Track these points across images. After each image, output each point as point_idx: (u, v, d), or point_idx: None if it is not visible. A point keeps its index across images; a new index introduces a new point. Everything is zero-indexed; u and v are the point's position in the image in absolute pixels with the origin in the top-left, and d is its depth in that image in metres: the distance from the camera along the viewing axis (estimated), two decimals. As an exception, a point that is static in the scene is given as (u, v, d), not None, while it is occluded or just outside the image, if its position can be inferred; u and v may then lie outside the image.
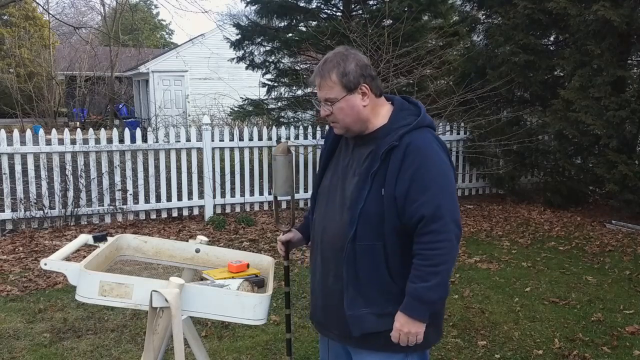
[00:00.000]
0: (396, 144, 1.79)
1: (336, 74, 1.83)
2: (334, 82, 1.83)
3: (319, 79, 1.86)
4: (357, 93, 1.85)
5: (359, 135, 1.92)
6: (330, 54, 1.89)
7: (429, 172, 1.77)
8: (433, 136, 1.87)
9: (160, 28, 43.69)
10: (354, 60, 1.85)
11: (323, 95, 1.87)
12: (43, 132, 6.48)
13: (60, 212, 6.45)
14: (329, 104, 1.87)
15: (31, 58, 24.30)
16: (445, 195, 1.77)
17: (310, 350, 3.51)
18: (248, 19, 10.61)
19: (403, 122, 1.85)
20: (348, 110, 1.85)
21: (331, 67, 1.84)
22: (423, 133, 1.84)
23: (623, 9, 6.62)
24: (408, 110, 1.91)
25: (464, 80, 8.05)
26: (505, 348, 3.61)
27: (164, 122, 15.46)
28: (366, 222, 1.81)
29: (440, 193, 1.76)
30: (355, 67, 1.84)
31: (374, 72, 1.89)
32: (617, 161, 6.73)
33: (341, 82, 1.83)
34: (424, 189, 1.76)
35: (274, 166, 2.26)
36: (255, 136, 7.37)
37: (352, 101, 1.85)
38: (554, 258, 5.60)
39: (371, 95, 1.87)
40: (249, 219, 6.92)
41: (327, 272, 1.95)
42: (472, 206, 8.09)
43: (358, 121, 1.87)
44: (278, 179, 2.24)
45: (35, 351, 3.50)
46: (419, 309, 1.78)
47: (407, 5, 8.54)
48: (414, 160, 1.77)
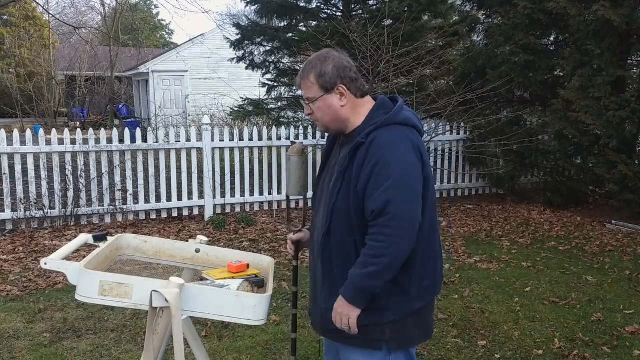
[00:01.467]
0: (362, 141, 1.86)
1: (314, 74, 1.93)
2: (312, 82, 1.94)
3: (299, 79, 1.99)
4: (334, 93, 1.93)
5: (345, 135, 2.00)
6: (313, 56, 1.99)
7: (386, 168, 1.80)
8: (402, 133, 1.88)
9: (160, 28, 43.69)
10: (332, 62, 1.93)
11: (304, 95, 1.99)
12: (43, 132, 6.48)
13: (60, 212, 6.45)
14: (308, 103, 1.97)
15: (31, 58, 24.30)
16: (397, 191, 1.78)
17: (310, 350, 3.51)
18: (248, 19, 10.61)
19: (374, 120, 1.90)
20: (325, 110, 1.95)
21: (310, 68, 1.95)
22: (390, 130, 1.87)
23: (623, 9, 6.62)
24: (383, 110, 1.95)
25: (464, 80, 8.04)
26: (505, 348, 3.61)
27: (164, 122, 15.45)
28: (338, 218, 1.88)
29: (392, 189, 1.78)
30: (332, 69, 1.92)
31: (354, 74, 1.95)
32: (617, 161, 6.73)
33: (318, 82, 1.93)
34: (378, 184, 1.79)
35: (288, 166, 2.28)
36: (255, 136, 7.37)
37: (329, 101, 1.93)
38: (554, 258, 5.60)
39: (350, 96, 1.94)
40: (249, 219, 6.92)
41: (315, 269, 2.04)
42: (472, 206, 8.09)
43: (336, 120, 1.96)
44: (291, 179, 2.27)
45: (35, 351, 3.50)
46: (351, 292, 1.83)
47: (407, 5, 8.53)
48: (373, 156, 1.82)
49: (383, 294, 1.85)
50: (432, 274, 1.96)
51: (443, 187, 8.61)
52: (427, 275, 1.93)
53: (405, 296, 1.88)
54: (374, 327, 1.88)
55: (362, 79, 2.00)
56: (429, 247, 1.92)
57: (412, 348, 1.97)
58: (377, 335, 1.88)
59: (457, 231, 6.65)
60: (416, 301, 1.91)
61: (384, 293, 1.85)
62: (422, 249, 1.88)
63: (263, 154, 7.46)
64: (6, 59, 24.73)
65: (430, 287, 1.96)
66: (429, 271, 1.94)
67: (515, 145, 7.78)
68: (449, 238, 6.31)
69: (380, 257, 1.77)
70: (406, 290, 1.88)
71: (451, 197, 8.65)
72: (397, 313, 1.88)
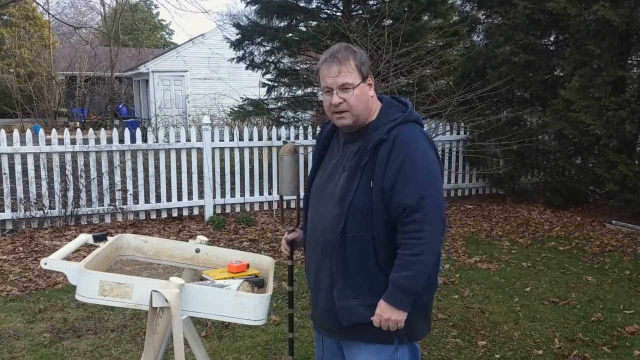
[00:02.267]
0: (385, 137, 1.84)
1: (354, 60, 1.89)
2: (353, 68, 1.89)
3: (337, 66, 1.88)
4: (366, 83, 1.91)
5: (349, 133, 1.97)
6: (337, 46, 1.94)
7: (415, 164, 1.80)
8: (420, 131, 1.93)
9: (160, 28, 43.68)
10: (364, 54, 1.94)
11: (340, 81, 1.88)
12: (43, 132, 6.48)
13: (60, 212, 6.45)
14: (345, 90, 1.88)
15: (31, 58, 24.30)
16: (429, 187, 1.80)
17: (310, 350, 3.51)
18: (248, 19, 10.61)
19: (391, 118, 1.90)
20: (362, 97, 1.90)
21: (348, 54, 1.89)
22: (410, 127, 1.89)
23: (623, 9, 6.62)
24: (396, 107, 1.96)
25: (464, 80, 8.05)
26: (505, 348, 3.61)
27: (164, 122, 15.46)
28: (355, 215, 1.85)
29: (425, 184, 1.79)
30: (367, 59, 1.93)
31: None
32: (617, 161, 6.73)
33: (358, 68, 1.89)
34: (409, 180, 1.79)
35: (281, 166, 2.27)
36: (255, 136, 7.37)
37: (365, 89, 1.91)
38: (554, 258, 5.60)
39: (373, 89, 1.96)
40: (249, 219, 6.92)
41: (319, 269, 1.99)
42: (472, 206, 8.09)
43: (366, 110, 1.93)
44: (284, 178, 2.26)
45: (35, 351, 3.50)
46: (399, 297, 1.80)
47: (407, 5, 8.53)
48: (400, 152, 1.81)
49: None
50: (438, 266, 1.99)
51: (443, 187, 8.58)
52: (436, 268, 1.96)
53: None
54: None
55: None
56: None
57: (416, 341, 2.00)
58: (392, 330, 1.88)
59: (457, 231, 6.65)
60: (425, 295, 1.92)
61: None
62: None
63: (263, 154, 7.46)
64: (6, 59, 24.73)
65: (435, 281, 1.99)
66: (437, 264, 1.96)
67: (515, 145, 7.78)
68: (449, 238, 6.31)
69: (423, 254, 1.77)
70: None
71: (451, 197, 8.65)
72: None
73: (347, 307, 1.89)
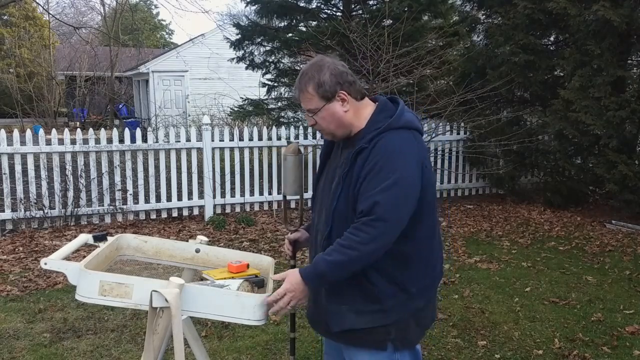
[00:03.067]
0: (365, 146, 1.84)
1: (312, 86, 1.89)
2: (312, 94, 1.90)
3: (298, 92, 1.95)
4: (336, 101, 1.90)
5: (346, 138, 1.97)
6: (306, 66, 1.95)
7: (381, 172, 1.79)
8: (405, 138, 1.87)
9: (160, 28, 43.68)
10: (329, 70, 1.89)
11: (305, 107, 1.95)
12: (43, 132, 6.48)
13: (60, 212, 6.45)
14: (312, 114, 1.93)
15: (31, 58, 24.30)
16: (387, 194, 1.77)
17: (311, 350, 3.51)
18: (248, 19, 10.60)
19: (378, 125, 1.89)
20: (330, 118, 1.91)
21: (307, 79, 1.90)
22: (392, 134, 1.85)
23: (623, 9, 6.62)
24: (385, 112, 1.93)
25: (464, 80, 8.04)
26: (505, 348, 3.61)
27: (164, 122, 15.46)
28: (340, 221, 1.87)
29: (383, 191, 1.77)
30: (330, 77, 1.88)
31: (351, 77, 1.92)
32: (617, 161, 6.73)
33: (318, 93, 1.89)
34: (372, 187, 1.79)
35: (284, 165, 2.28)
36: (255, 136, 7.37)
37: (332, 109, 1.90)
38: (554, 258, 5.60)
39: (351, 100, 1.92)
40: (249, 219, 6.92)
41: None
42: (472, 206, 8.09)
43: (341, 126, 1.93)
44: (288, 178, 2.27)
45: (35, 351, 3.50)
46: (309, 272, 1.83)
47: (407, 5, 8.53)
48: (372, 160, 1.81)
49: (383, 296, 1.86)
50: (431, 274, 1.97)
51: (443, 187, 8.61)
52: (428, 275, 1.94)
53: (407, 296, 1.89)
54: (379, 329, 1.88)
55: (359, 80, 1.99)
56: (428, 248, 1.93)
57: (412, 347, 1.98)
58: (382, 335, 1.89)
59: (457, 231, 6.65)
60: (418, 300, 1.92)
61: (384, 295, 1.86)
62: (421, 250, 1.90)
63: (263, 154, 7.46)
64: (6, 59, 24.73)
65: (430, 286, 1.98)
66: (429, 271, 1.95)
67: (515, 145, 7.77)
68: (449, 238, 6.31)
69: (349, 249, 1.77)
70: (407, 290, 1.89)
71: (451, 197, 8.65)
72: (400, 313, 1.89)
73: (337, 313, 1.91)
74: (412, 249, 1.87)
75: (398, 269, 1.87)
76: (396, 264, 1.86)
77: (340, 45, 8.11)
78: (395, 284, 1.86)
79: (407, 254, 1.87)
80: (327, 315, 1.93)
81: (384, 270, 1.85)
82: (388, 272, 1.86)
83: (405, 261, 1.86)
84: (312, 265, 1.86)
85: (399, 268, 1.86)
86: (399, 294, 1.88)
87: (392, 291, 1.87)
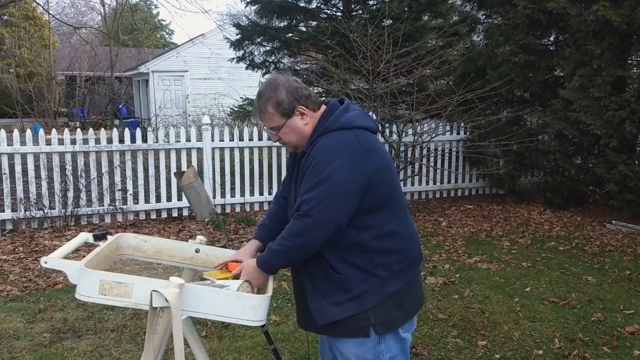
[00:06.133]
0: (307, 150, 1.98)
1: (271, 106, 2.00)
2: (272, 113, 2.01)
3: (258, 114, 2.06)
4: (295, 115, 2.01)
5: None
6: (262, 87, 2.06)
7: (313, 171, 1.91)
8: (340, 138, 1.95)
9: (160, 28, 43.67)
10: (284, 88, 2.00)
11: (267, 126, 2.07)
12: (43, 132, 6.48)
13: (60, 212, 6.45)
14: (275, 132, 2.05)
15: (31, 58, 24.27)
16: (312, 192, 1.88)
17: (311, 350, 3.51)
18: (248, 19, 10.62)
19: (319, 129, 2.01)
20: (292, 133, 2.03)
21: (265, 100, 2.01)
22: (328, 136, 1.96)
23: (623, 9, 6.61)
24: (329, 116, 2.03)
25: (464, 80, 8.04)
26: (505, 348, 3.61)
27: (164, 122, 15.45)
28: None
29: (310, 190, 1.89)
30: (286, 95, 1.99)
31: (306, 91, 2.04)
32: (617, 161, 6.73)
33: (278, 111, 2.00)
34: (303, 185, 1.94)
35: (190, 194, 2.29)
36: (255, 136, 7.37)
37: (293, 124, 2.02)
38: (554, 258, 5.60)
39: (309, 112, 2.03)
40: (249, 219, 6.92)
41: (296, 274, 2.14)
42: (472, 206, 8.09)
43: (303, 138, 2.05)
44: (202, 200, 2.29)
45: (35, 351, 3.50)
46: (261, 257, 2.02)
47: (407, 5, 8.54)
48: (309, 161, 1.95)
49: (353, 283, 1.95)
50: (404, 259, 2.03)
51: (443, 187, 8.61)
52: (398, 261, 2.01)
53: (378, 280, 1.96)
54: (358, 316, 1.96)
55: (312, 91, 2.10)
56: (392, 237, 1.99)
57: (400, 330, 2.04)
58: (362, 322, 1.96)
59: (457, 231, 6.65)
60: (392, 284, 1.98)
61: (353, 282, 1.95)
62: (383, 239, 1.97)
63: (263, 154, 7.46)
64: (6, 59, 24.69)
65: (404, 270, 2.03)
66: (399, 257, 2.01)
67: (515, 145, 7.77)
68: (449, 238, 6.31)
69: (285, 240, 1.93)
70: (377, 275, 1.96)
71: (451, 197, 8.65)
72: (375, 298, 1.96)
73: (319, 308, 2.00)
74: (370, 238, 1.95)
75: (358, 256, 1.96)
76: (355, 252, 1.95)
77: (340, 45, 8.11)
78: (361, 270, 1.95)
79: (365, 243, 1.95)
80: (313, 312, 2.02)
81: (345, 258, 1.95)
82: (349, 259, 1.95)
83: (364, 249, 1.95)
84: (264, 252, 2.03)
85: (359, 255, 1.95)
86: (369, 279, 1.96)
87: (361, 277, 1.95)
